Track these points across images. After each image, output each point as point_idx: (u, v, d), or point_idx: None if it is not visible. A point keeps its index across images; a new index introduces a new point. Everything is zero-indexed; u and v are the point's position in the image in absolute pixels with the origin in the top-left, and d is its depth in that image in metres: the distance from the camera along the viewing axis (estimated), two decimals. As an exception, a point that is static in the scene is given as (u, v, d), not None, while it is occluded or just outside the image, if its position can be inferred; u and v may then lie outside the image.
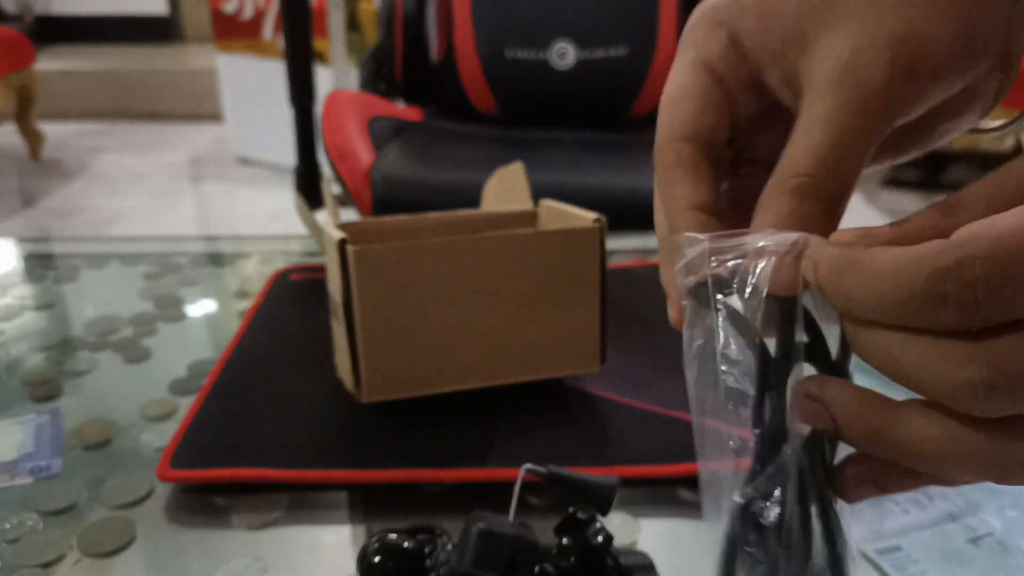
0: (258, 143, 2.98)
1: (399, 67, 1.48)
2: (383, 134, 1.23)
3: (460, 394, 0.48)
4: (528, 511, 0.42)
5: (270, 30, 2.83)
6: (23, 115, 3.00)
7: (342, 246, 0.44)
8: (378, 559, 0.33)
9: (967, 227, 0.18)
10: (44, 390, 0.53)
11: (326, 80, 1.80)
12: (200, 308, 0.66)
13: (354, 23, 2.49)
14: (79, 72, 3.81)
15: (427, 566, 0.33)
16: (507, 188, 0.58)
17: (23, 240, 0.81)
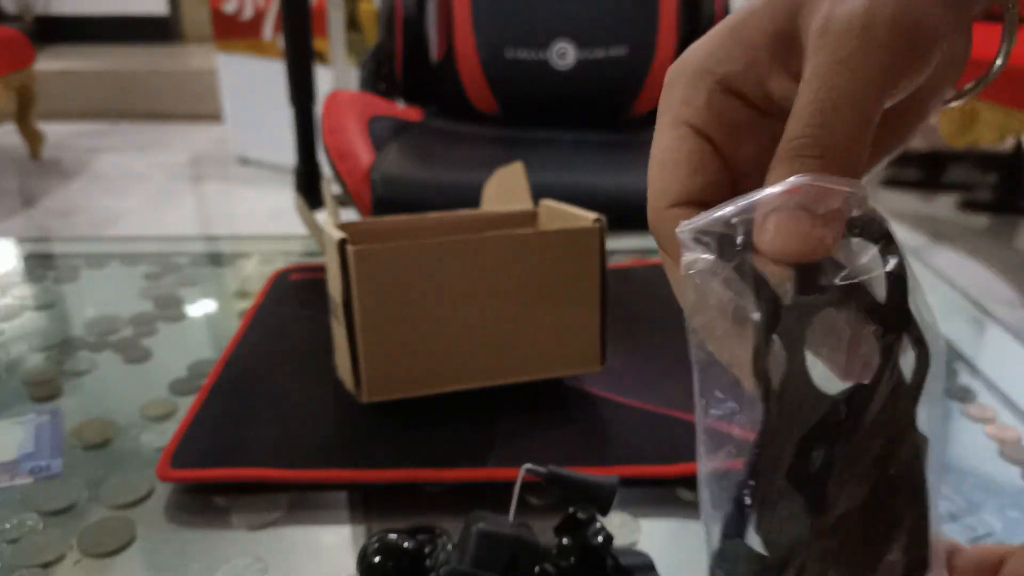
0: (258, 143, 2.98)
1: (399, 67, 1.48)
2: (383, 134, 1.23)
3: (460, 394, 0.48)
4: (528, 511, 0.42)
5: (270, 30, 2.83)
6: (23, 115, 2.99)
7: (342, 246, 0.44)
8: (378, 559, 0.33)
9: None
10: (44, 390, 0.53)
11: (326, 80, 1.80)
12: (200, 308, 0.66)
13: (354, 23, 2.49)
14: (79, 72, 3.80)
15: (427, 566, 0.33)
16: (507, 188, 0.58)
17: (23, 240, 0.81)
